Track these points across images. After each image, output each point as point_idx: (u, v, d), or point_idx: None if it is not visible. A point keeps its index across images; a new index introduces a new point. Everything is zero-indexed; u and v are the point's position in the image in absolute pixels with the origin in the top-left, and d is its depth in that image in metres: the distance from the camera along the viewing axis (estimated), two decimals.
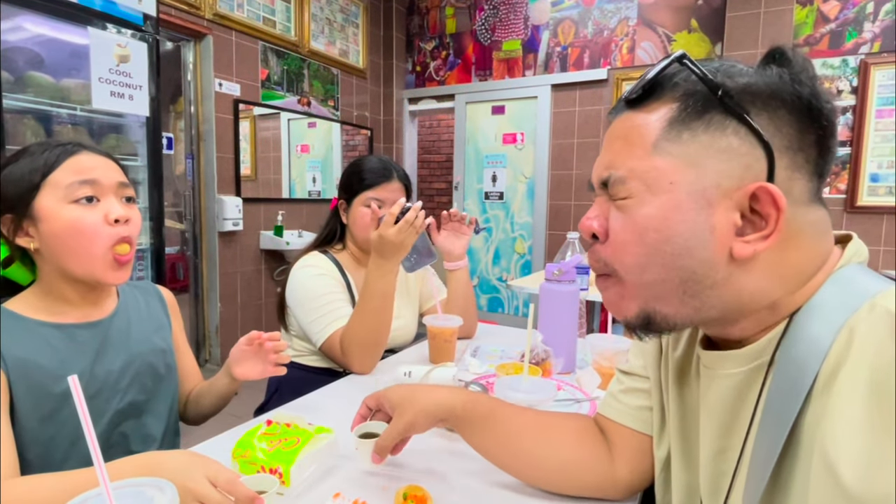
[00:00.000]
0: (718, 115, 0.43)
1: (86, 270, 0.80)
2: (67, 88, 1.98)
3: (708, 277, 0.45)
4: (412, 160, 5.06)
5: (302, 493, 0.71)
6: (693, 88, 0.44)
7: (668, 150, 0.45)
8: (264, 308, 3.68)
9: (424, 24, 4.64)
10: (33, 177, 0.77)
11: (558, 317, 1.24)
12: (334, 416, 0.93)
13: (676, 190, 0.44)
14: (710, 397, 0.52)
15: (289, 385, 1.30)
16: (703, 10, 3.58)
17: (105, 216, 0.79)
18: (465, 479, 0.77)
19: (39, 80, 1.90)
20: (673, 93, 0.46)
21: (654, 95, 0.47)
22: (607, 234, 0.49)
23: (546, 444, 0.70)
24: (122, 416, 0.87)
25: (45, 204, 0.77)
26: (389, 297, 1.20)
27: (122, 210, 0.81)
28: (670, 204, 0.44)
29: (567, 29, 4.05)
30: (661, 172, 0.45)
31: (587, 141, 4.05)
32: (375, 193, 1.32)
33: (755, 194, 0.42)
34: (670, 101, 0.46)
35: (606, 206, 0.50)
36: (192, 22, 3.05)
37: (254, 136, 3.62)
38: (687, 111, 0.44)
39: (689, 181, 0.44)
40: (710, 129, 0.44)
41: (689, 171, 0.44)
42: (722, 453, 0.50)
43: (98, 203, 0.80)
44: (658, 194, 0.45)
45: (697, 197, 0.44)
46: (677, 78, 0.46)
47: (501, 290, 4.50)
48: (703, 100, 0.44)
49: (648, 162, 0.45)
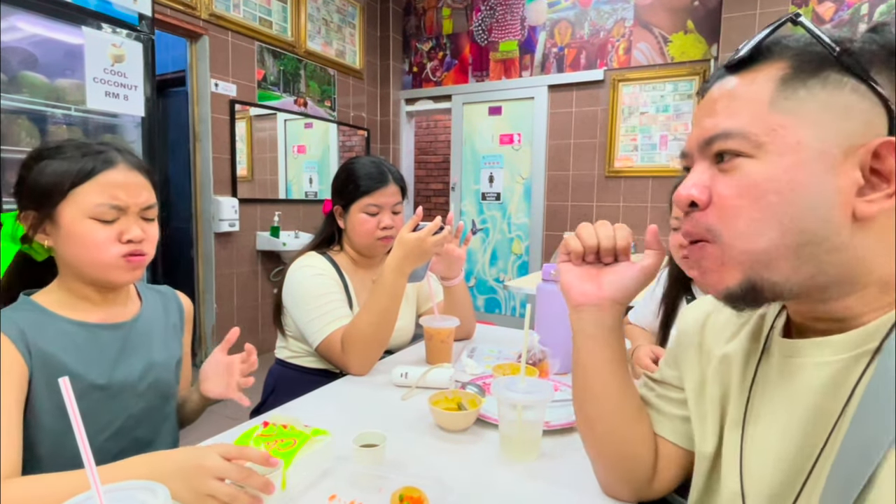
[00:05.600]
0: (835, 74, 0.42)
1: (96, 273, 0.80)
2: (62, 88, 1.97)
3: (827, 241, 0.42)
4: (409, 161, 5.06)
5: (298, 496, 0.71)
6: (805, 48, 0.43)
7: (788, 107, 0.43)
8: (260, 309, 3.67)
9: (421, 25, 4.64)
10: (63, 183, 0.77)
11: (555, 317, 1.24)
12: (330, 418, 0.93)
13: (803, 149, 0.42)
14: (794, 390, 0.48)
15: (285, 386, 1.30)
16: (698, 12, 3.59)
17: (119, 235, 0.80)
18: (461, 479, 0.76)
19: (34, 80, 1.89)
20: (782, 54, 0.44)
21: (762, 58, 0.45)
22: (710, 200, 0.46)
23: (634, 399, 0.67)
24: (136, 420, 0.87)
25: (67, 212, 0.77)
26: (399, 298, 1.20)
27: (138, 232, 0.81)
28: (796, 164, 0.42)
29: (564, 30, 4.05)
30: (786, 130, 0.43)
31: (584, 142, 4.05)
32: (373, 199, 1.32)
33: (877, 152, 0.41)
34: (780, 61, 0.44)
35: (708, 174, 0.47)
36: (188, 22, 3.04)
37: (250, 137, 3.61)
38: (801, 69, 0.43)
39: (813, 139, 0.42)
40: (827, 87, 0.42)
41: (811, 130, 0.42)
42: (801, 450, 0.47)
43: (116, 222, 0.80)
44: (783, 154, 0.43)
45: (823, 155, 0.42)
46: (787, 40, 0.44)
47: (498, 291, 4.50)
48: (818, 58, 0.42)
49: (768, 120, 0.43)
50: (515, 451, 0.83)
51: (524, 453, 0.82)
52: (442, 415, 0.93)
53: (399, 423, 0.96)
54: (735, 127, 0.45)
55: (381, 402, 1.06)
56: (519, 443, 0.82)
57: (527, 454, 0.82)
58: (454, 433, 0.92)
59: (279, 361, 1.38)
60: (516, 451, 0.83)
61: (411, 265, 1.18)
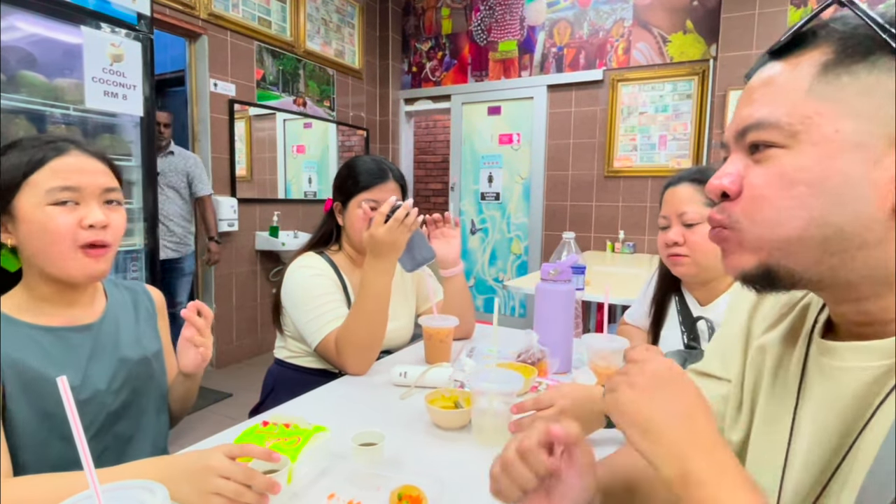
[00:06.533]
0: (885, 57, 0.39)
1: (58, 269, 0.78)
2: (60, 88, 1.96)
3: (858, 236, 0.40)
4: (408, 161, 5.05)
5: (297, 494, 0.71)
6: (853, 31, 0.41)
7: (827, 94, 0.41)
8: (259, 309, 3.67)
9: (420, 25, 4.64)
10: (15, 175, 0.76)
11: (554, 317, 1.24)
12: (329, 417, 0.93)
13: (840, 138, 0.40)
14: (827, 394, 0.46)
15: (284, 386, 1.30)
16: (698, 12, 3.60)
17: (80, 221, 0.77)
18: (459, 478, 0.76)
19: (32, 80, 1.88)
20: (828, 38, 0.42)
21: (806, 43, 0.43)
22: (740, 191, 0.45)
23: None
24: (115, 417, 0.86)
25: (24, 204, 0.76)
26: (385, 297, 1.19)
27: (99, 216, 0.78)
28: (830, 154, 0.40)
29: (563, 30, 4.05)
30: (823, 118, 0.40)
31: (583, 141, 4.06)
32: (371, 195, 1.31)
33: None
34: (824, 45, 0.42)
35: (742, 164, 0.46)
36: (187, 21, 3.04)
37: (249, 137, 3.61)
38: (847, 53, 0.40)
39: (854, 128, 0.40)
40: (874, 72, 0.39)
41: (851, 118, 0.40)
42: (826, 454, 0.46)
43: (77, 207, 0.78)
44: (818, 143, 0.41)
45: (863, 146, 0.39)
46: (833, 24, 0.42)
47: (498, 291, 4.50)
48: (867, 41, 0.40)
49: (805, 107, 0.41)
50: (487, 438, 0.88)
51: (495, 439, 0.87)
52: (438, 413, 0.93)
53: (398, 422, 0.96)
54: (769, 117, 0.43)
55: (379, 401, 1.07)
56: (491, 430, 0.88)
57: (497, 440, 0.86)
58: (452, 431, 0.92)
59: (278, 361, 1.38)
60: (488, 438, 0.88)
61: (387, 260, 1.16)
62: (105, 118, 2.11)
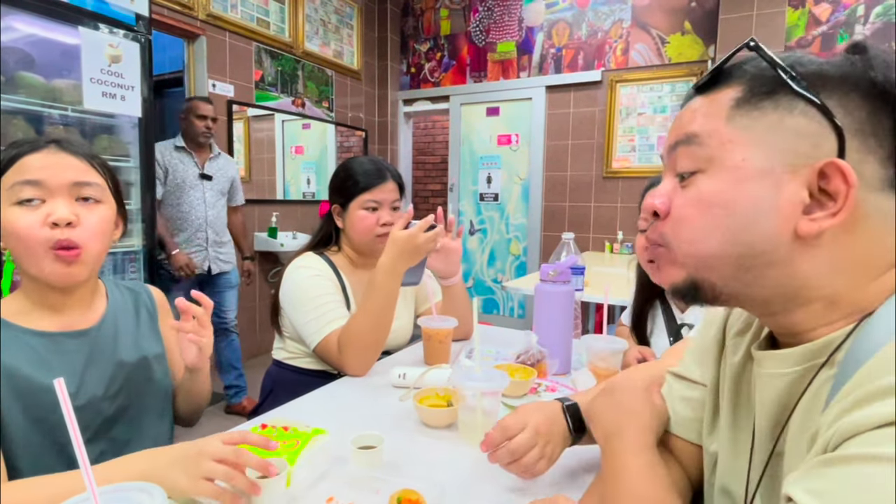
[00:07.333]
0: (786, 97, 0.44)
1: (36, 272, 0.76)
2: (58, 89, 1.96)
3: (766, 255, 0.45)
4: (407, 162, 5.05)
5: (295, 497, 0.71)
6: (761, 72, 0.46)
7: (742, 124, 0.46)
8: (258, 310, 3.67)
9: (419, 26, 4.64)
10: None
11: (553, 318, 1.24)
12: (328, 419, 0.93)
13: (747, 166, 0.45)
14: (763, 399, 0.50)
15: (283, 387, 1.29)
16: (696, 13, 3.60)
17: (44, 218, 0.74)
18: (459, 482, 0.76)
19: (30, 81, 1.88)
20: (741, 77, 0.47)
21: (723, 81, 0.48)
22: (669, 211, 0.50)
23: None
24: (111, 422, 0.86)
25: None
26: (393, 299, 1.20)
27: (63, 212, 0.74)
28: (739, 179, 0.45)
29: (561, 31, 4.06)
30: (734, 146, 0.45)
31: (582, 142, 4.06)
32: (372, 196, 1.31)
33: (823, 172, 0.42)
34: (738, 84, 0.47)
35: (671, 185, 0.51)
36: (186, 22, 3.04)
37: (248, 138, 3.61)
38: (754, 92, 0.45)
39: (759, 157, 0.44)
40: (778, 109, 0.44)
41: (758, 148, 0.45)
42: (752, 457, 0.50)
43: (42, 205, 0.75)
44: (729, 169, 0.46)
45: (766, 173, 0.44)
46: (746, 65, 0.47)
47: (497, 292, 4.50)
48: (771, 82, 0.45)
49: (723, 132, 0.46)
50: (473, 435, 0.87)
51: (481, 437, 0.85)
52: (425, 411, 0.93)
53: (397, 424, 0.96)
54: (698, 131, 0.48)
55: (379, 403, 1.06)
56: (480, 427, 0.87)
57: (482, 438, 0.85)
58: (454, 435, 0.92)
59: (276, 362, 1.38)
60: (474, 436, 0.86)
61: (405, 264, 1.18)
62: (103, 119, 2.11)
